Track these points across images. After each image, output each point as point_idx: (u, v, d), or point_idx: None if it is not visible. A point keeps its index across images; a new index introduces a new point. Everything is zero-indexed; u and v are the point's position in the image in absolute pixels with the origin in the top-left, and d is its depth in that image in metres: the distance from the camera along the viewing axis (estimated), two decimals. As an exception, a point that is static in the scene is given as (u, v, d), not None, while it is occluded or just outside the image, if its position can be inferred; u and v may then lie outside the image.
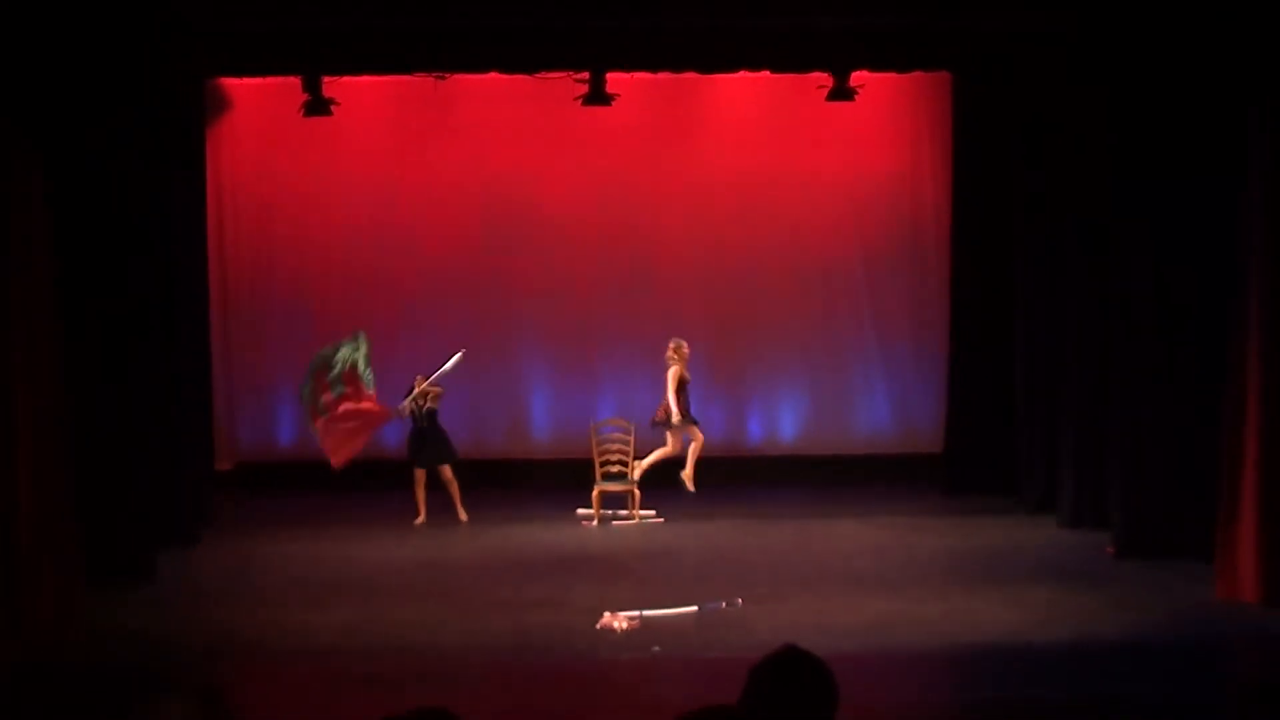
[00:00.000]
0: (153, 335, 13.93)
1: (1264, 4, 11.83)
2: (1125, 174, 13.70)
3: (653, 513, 16.12)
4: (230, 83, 17.33)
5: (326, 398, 15.26)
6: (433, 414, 15.89)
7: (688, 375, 16.23)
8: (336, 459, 15.37)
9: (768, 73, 16.72)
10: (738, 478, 17.83)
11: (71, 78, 12.42)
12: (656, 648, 10.89)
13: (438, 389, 15.87)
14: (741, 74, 16.93)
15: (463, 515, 15.89)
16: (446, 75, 16.91)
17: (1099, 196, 14.34)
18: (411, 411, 15.87)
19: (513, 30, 14.80)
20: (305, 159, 17.79)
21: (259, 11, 13.95)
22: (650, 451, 16.36)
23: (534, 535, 15.38)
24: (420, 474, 15.94)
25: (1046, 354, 15.80)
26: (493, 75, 16.51)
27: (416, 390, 15.83)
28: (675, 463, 17.01)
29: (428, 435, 15.91)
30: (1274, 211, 11.64)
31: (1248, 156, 11.92)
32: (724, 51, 15.68)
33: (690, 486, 16.21)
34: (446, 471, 15.89)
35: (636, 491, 16.06)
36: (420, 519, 15.86)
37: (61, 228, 12.14)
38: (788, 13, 14.18)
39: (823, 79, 16.72)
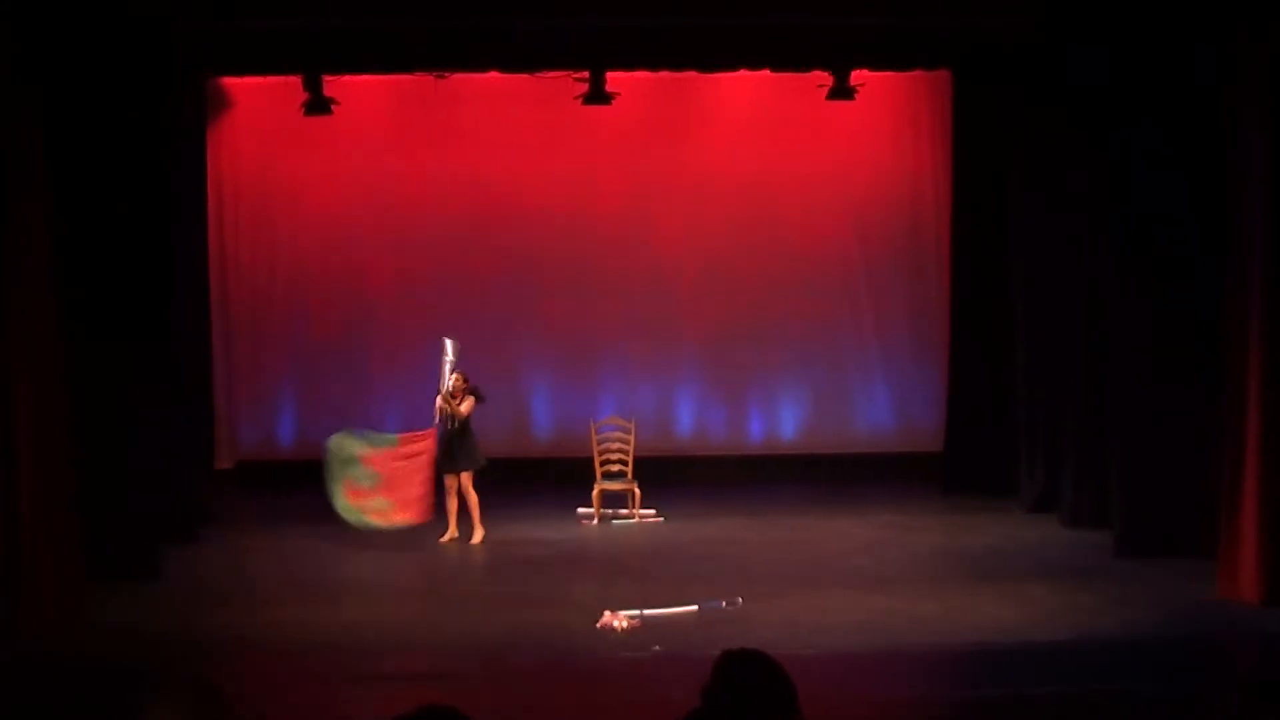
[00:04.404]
0: (154, 333, 13.93)
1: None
2: (1123, 172, 13.71)
3: (653, 512, 16.12)
4: (231, 82, 17.33)
5: (365, 498, 14.57)
6: (465, 418, 15.04)
7: None
8: (418, 515, 14.59)
9: (768, 71, 16.73)
10: (738, 476, 17.84)
11: (74, 76, 12.44)
12: (657, 647, 10.90)
13: (468, 397, 14.94)
14: (741, 73, 16.94)
15: (479, 534, 14.89)
16: (446, 74, 16.92)
17: (1098, 195, 14.35)
18: (442, 412, 14.98)
19: (513, 29, 14.80)
20: (306, 158, 17.79)
21: (260, 10, 13.95)
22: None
23: (534, 534, 15.37)
24: (450, 482, 14.99)
25: (1047, 353, 15.80)
26: (493, 74, 16.53)
27: (444, 391, 14.96)
28: (671, 460, 17.11)
29: (456, 440, 14.97)
30: (1273, 210, 11.63)
31: (1247, 153, 11.91)
32: (724, 50, 15.69)
33: None
34: (466, 480, 14.98)
35: (637, 490, 16.06)
36: (448, 537, 14.97)
37: (64, 224, 12.17)
38: (787, 11, 14.18)
39: (822, 78, 16.71)
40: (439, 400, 15.02)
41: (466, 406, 14.97)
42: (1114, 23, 13.57)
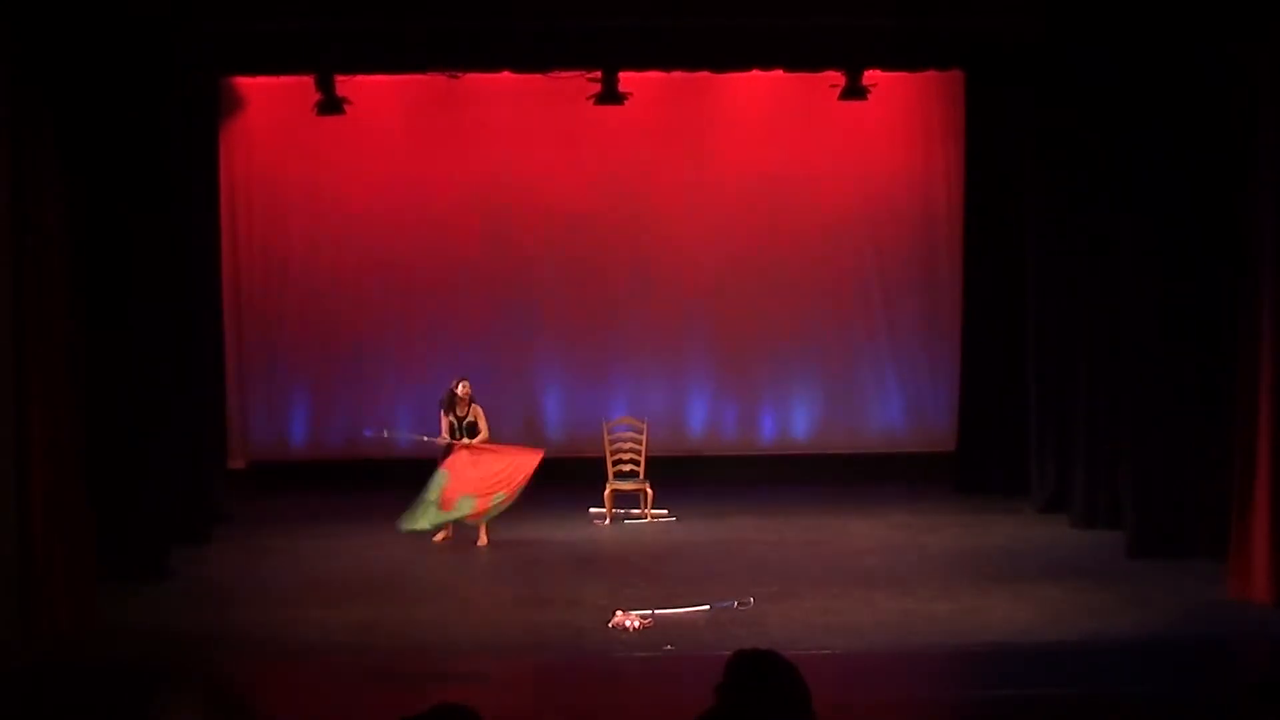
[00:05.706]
0: (167, 333, 13.96)
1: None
2: (1134, 174, 13.69)
3: (665, 511, 16.12)
4: (243, 82, 17.33)
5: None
6: (473, 428, 14.99)
7: None
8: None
9: (780, 71, 16.72)
10: (750, 476, 17.81)
11: (88, 76, 12.44)
12: (669, 646, 10.91)
13: (473, 405, 14.97)
14: (754, 73, 16.93)
15: (483, 539, 14.87)
16: (459, 74, 16.93)
17: (1109, 196, 14.33)
18: (450, 425, 14.98)
19: (525, 29, 14.81)
20: (318, 158, 17.78)
21: (272, 10, 13.97)
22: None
23: (546, 534, 15.37)
24: None
25: (1059, 353, 15.78)
26: (505, 74, 16.52)
27: (459, 399, 14.94)
28: (684, 460, 17.10)
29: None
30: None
31: (1258, 151, 11.90)
32: (736, 50, 15.68)
33: None
34: None
35: (649, 490, 16.06)
36: (441, 536, 14.93)
37: (78, 223, 12.18)
38: (800, 12, 14.18)
39: (835, 78, 16.70)
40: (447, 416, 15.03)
41: (485, 427, 15.03)
42: (1123, 24, 13.57)
